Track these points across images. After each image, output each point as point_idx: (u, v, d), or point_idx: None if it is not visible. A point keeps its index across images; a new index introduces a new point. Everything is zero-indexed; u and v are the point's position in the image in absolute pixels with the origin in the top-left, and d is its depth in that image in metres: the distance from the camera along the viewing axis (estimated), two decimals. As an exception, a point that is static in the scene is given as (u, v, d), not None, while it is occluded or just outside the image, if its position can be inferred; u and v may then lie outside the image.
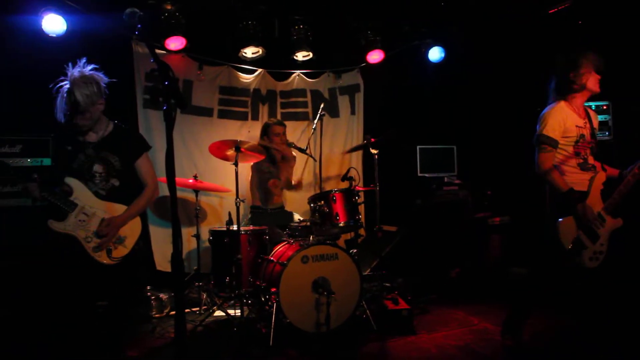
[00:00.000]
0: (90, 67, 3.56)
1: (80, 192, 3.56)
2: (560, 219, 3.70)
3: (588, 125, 3.87)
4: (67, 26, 5.15)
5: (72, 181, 3.56)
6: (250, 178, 5.89)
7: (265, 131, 5.83)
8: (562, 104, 3.82)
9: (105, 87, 3.61)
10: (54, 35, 5.12)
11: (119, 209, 3.67)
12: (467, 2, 6.23)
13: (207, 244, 5.39)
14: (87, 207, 3.55)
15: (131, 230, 3.72)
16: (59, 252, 3.55)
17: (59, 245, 3.52)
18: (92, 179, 3.62)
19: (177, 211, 2.07)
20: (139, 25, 2.52)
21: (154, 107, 5.91)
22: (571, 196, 3.66)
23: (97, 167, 3.62)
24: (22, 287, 4.60)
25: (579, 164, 3.80)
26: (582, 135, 3.80)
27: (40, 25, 5.06)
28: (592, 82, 3.81)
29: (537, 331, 4.36)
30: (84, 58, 3.56)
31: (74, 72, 3.50)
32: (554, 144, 3.74)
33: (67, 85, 3.48)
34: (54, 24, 5.09)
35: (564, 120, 3.75)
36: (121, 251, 3.64)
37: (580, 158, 3.81)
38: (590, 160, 3.85)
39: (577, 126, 3.79)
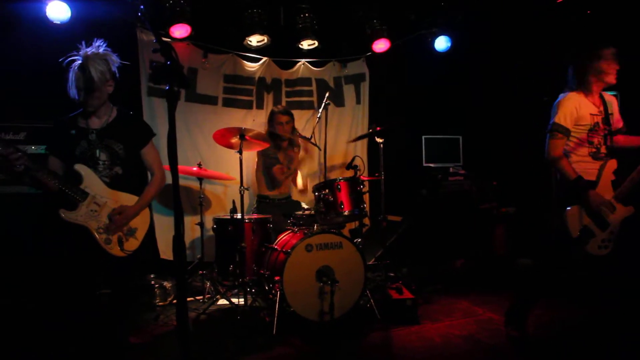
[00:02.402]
0: (103, 47, 3.54)
1: (91, 180, 3.51)
2: (568, 208, 3.69)
3: (603, 112, 3.86)
4: (72, 13, 5.12)
5: (82, 168, 3.50)
6: (256, 164, 5.87)
7: (271, 120, 5.81)
8: (574, 93, 3.84)
9: (115, 70, 3.59)
10: (59, 23, 5.09)
11: (129, 199, 3.64)
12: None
13: (211, 232, 5.39)
14: (98, 197, 3.50)
15: (142, 222, 3.71)
16: (69, 242, 3.51)
17: (69, 235, 3.48)
18: (96, 166, 3.56)
19: (179, 194, 2.06)
20: (142, 7, 2.49)
21: (158, 95, 5.89)
22: (579, 184, 3.65)
23: (101, 155, 3.57)
24: (24, 277, 4.61)
25: (591, 153, 3.80)
26: (597, 124, 3.81)
27: (45, 12, 5.03)
28: (611, 74, 3.81)
29: (542, 323, 4.34)
30: (100, 40, 3.54)
31: (88, 50, 3.48)
32: (565, 132, 3.76)
33: (80, 61, 3.45)
34: (58, 10, 5.06)
35: (577, 108, 3.77)
36: (132, 243, 3.63)
37: (593, 147, 3.80)
38: (603, 150, 3.83)
39: (591, 114, 3.80)
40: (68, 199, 3.42)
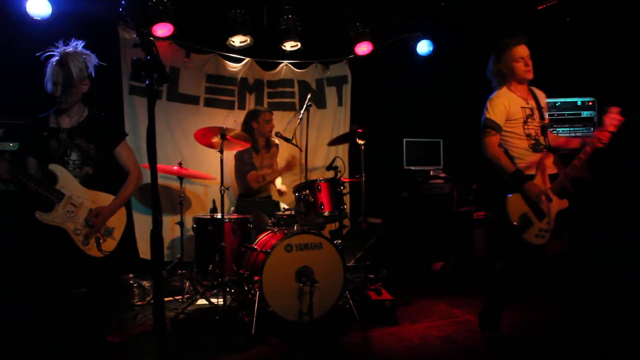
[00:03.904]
0: (81, 46, 3.56)
1: (66, 180, 3.47)
2: (508, 195, 3.77)
3: (535, 105, 3.94)
4: (53, 9, 5.06)
5: (56, 168, 3.45)
6: (233, 166, 5.86)
7: (255, 117, 5.79)
8: (504, 89, 3.95)
9: (92, 70, 3.59)
10: (39, 19, 5.03)
11: (105, 198, 3.60)
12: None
13: (191, 232, 5.36)
14: (74, 197, 3.45)
15: (118, 221, 3.66)
16: (46, 244, 3.45)
17: (45, 237, 3.43)
18: (66, 166, 3.50)
19: (157, 188, 2.05)
20: (123, 2, 2.48)
21: (139, 94, 5.85)
22: (519, 176, 3.74)
23: (72, 155, 3.53)
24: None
25: (531, 145, 3.87)
26: (530, 116, 3.87)
27: (25, 8, 4.97)
28: (521, 70, 3.89)
29: (517, 324, 4.38)
30: (79, 40, 3.56)
31: (67, 48, 3.49)
32: (497, 128, 3.85)
33: (58, 57, 3.45)
34: (38, 6, 4.99)
35: (506, 105, 3.85)
36: (110, 244, 3.59)
37: (531, 139, 3.87)
38: (542, 140, 3.90)
39: (522, 107, 3.88)
40: (44, 200, 3.37)
